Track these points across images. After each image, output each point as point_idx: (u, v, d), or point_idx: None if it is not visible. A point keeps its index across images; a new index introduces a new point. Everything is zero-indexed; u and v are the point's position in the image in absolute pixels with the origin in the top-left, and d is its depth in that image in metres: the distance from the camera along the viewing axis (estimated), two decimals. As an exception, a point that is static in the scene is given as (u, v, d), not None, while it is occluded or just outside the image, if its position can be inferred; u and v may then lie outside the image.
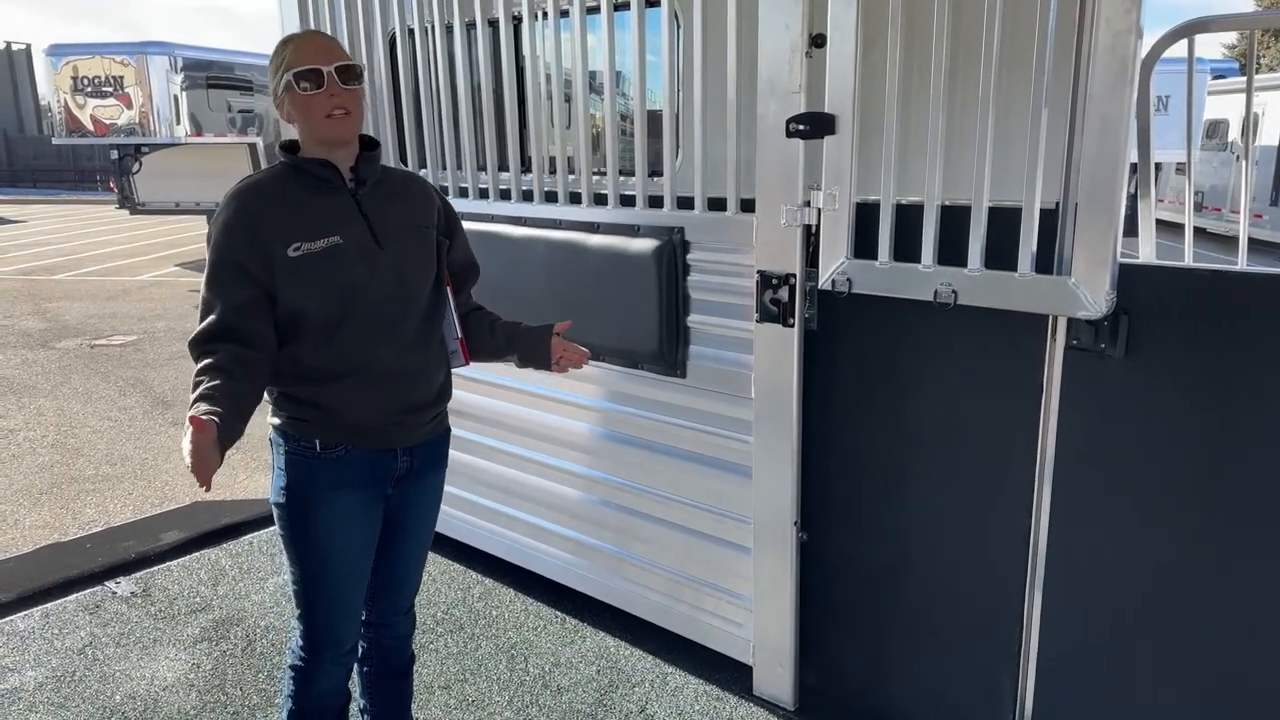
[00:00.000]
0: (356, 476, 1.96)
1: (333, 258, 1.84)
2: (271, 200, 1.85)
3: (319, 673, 2.07)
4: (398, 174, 2.07)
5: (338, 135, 1.87)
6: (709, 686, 2.84)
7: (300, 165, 1.89)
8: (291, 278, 1.82)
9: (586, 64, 2.79)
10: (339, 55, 1.85)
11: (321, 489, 1.94)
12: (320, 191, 1.89)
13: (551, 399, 3.17)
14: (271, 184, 1.89)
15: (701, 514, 2.83)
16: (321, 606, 2.03)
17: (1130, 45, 1.80)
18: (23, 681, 2.90)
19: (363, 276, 1.87)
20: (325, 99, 1.82)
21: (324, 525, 1.95)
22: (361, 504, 1.99)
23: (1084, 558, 2.19)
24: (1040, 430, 2.19)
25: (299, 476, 1.93)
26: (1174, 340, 2.00)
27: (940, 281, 2.13)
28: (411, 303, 1.97)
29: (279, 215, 1.83)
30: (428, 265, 2.02)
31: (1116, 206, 1.88)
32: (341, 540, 1.98)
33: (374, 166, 1.96)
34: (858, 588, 2.61)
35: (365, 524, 2.01)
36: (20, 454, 5.33)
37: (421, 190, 2.08)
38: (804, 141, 2.29)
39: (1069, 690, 2.28)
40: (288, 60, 1.83)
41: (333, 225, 1.86)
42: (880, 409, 2.45)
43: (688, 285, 2.69)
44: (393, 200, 1.98)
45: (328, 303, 1.85)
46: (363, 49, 3.44)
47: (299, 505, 1.94)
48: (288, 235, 1.82)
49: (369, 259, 1.89)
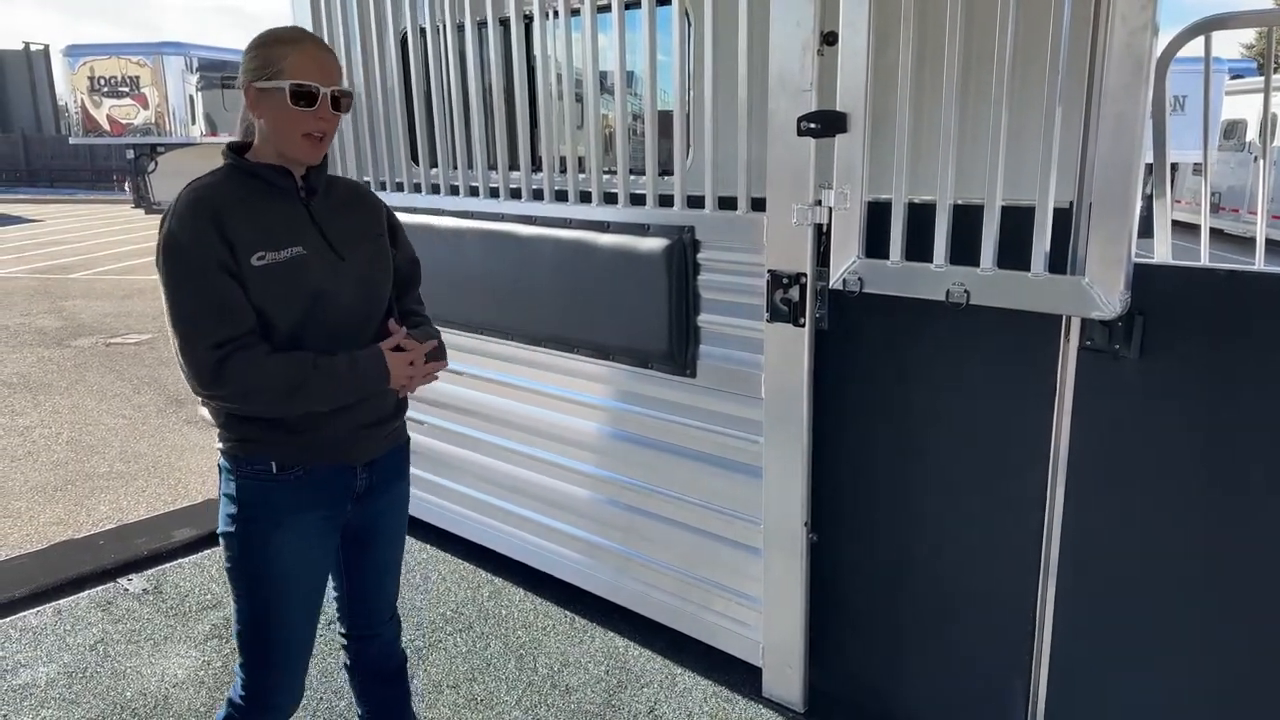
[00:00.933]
0: (316, 497, 1.88)
1: (297, 268, 1.78)
2: (232, 206, 1.75)
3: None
4: (343, 184, 2.00)
5: (309, 157, 1.81)
6: (718, 688, 2.82)
7: (255, 171, 1.81)
8: (256, 288, 1.74)
9: (597, 63, 2.79)
10: (337, 78, 1.80)
11: (280, 514, 1.84)
12: (274, 199, 1.82)
13: (561, 398, 3.17)
14: (229, 189, 1.79)
15: (711, 514, 2.82)
16: (276, 649, 1.90)
17: (1146, 43, 1.78)
18: (35, 677, 2.92)
19: (328, 287, 1.82)
20: (312, 119, 1.77)
21: (283, 554, 1.85)
22: (320, 527, 1.90)
23: (1097, 560, 2.17)
24: (1053, 431, 2.17)
25: (254, 502, 1.83)
26: (1189, 341, 1.97)
27: (952, 281, 2.11)
28: (373, 313, 1.93)
29: (240, 223, 1.74)
30: (386, 274, 1.98)
31: (1131, 205, 1.86)
32: (301, 570, 1.88)
33: (323, 176, 1.90)
34: (868, 589, 2.59)
35: (324, 550, 1.94)
36: (35, 451, 5.37)
37: (369, 199, 2.02)
38: (815, 140, 2.27)
39: (1081, 693, 2.25)
40: (287, 67, 1.75)
41: (292, 235, 1.80)
42: (891, 409, 2.43)
43: (698, 284, 2.68)
44: (343, 210, 1.92)
45: (292, 314, 1.78)
46: (374, 48, 3.45)
47: (255, 533, 1.83)
48: (251, 244, 1.74)
49: (332, 270, 1.83)
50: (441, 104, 3.29)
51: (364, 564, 2.07)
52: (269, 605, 1.88)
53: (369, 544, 2.05)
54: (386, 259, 2.00)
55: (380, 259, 1.97)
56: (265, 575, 1.86)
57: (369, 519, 2.01)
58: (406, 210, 3.45)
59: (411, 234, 3.39)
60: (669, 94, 2.69)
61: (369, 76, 3.52)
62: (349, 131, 3.64)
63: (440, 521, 3.77)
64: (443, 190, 3.37)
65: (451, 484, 3.66)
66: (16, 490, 4.75)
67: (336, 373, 1.78)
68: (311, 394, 1.76)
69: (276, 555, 1.85)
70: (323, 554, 1.94)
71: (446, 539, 3.76)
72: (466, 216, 3.25)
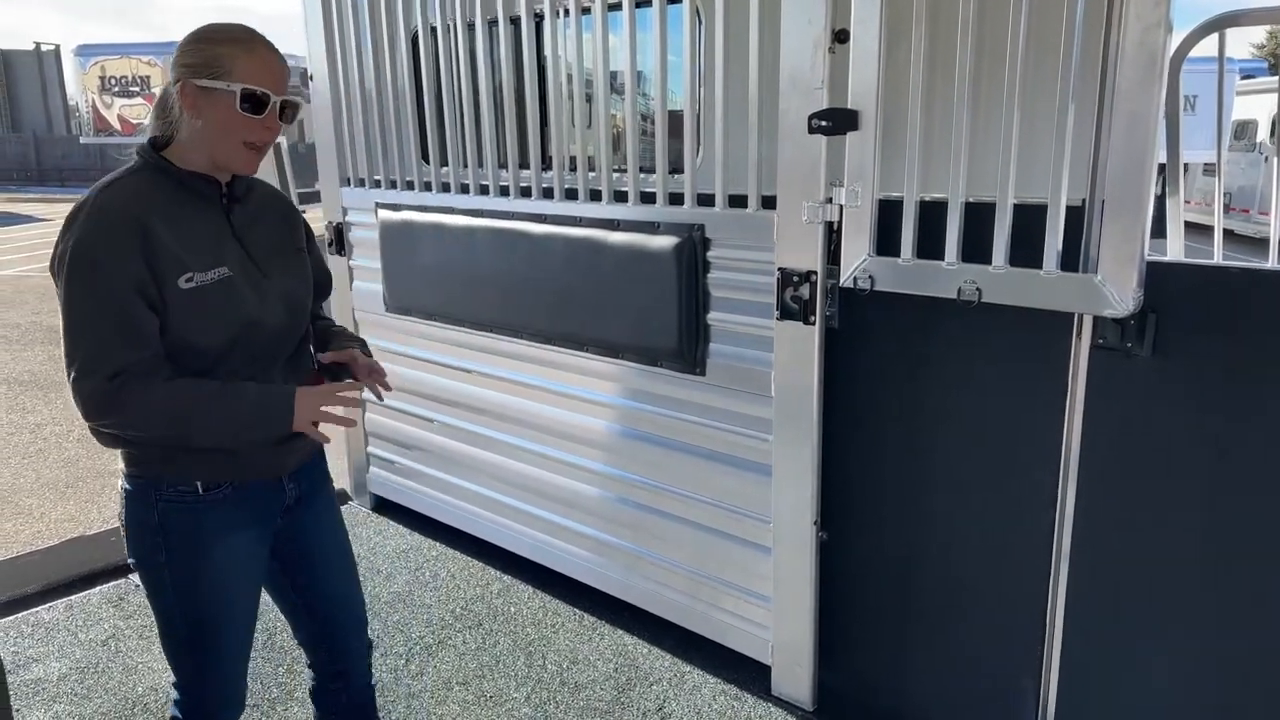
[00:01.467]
0: (245, 515, 1.78)
1: (224, 290, 1.66)
2: (157, 217, 1.61)
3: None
4: (261, 189, 1.87)
5: (247, 168, 1.71)
6: (727, 686, 2.82)
7: (176, 175, 1.67)
8: (182, 311, 1.61)
9: (608, 61, 2.79)
10: (285, 86, 1.69)
11: (210, 536, 1.73)
12: (197, 208, 1.69)
13: (571, 396, 3.17)
14: (149, 196, 1.64)
15: (720, 512, 2.82)
16: (218, 665, 1.82)
17: (1160, 39, 1.77)
18: (47, 672, 2.93)
19: (256, 309, 1.71)
20: (257, 127, 1.65)
21: (216, 576, 1.74)
22: (251, 545, 1.80)
23: (1109, 560, 2.16)
24: (1064, 430, 2.16)
25: (180, 526, 1.71)
26: (1202, 340, 1.97)
27: (964, 279, 2.11)
28: (296, 331, 1.83)
29: (165, 237, 1.60)
30: (307, 289, 1.88)
31: (1144, 203, 1.86)
32: (234, 589, 1.79)
33: (245, 182, 1.79)
34: (878, 588, 2.59)
35: (257, 565, 1.84)
36: (47, 448, 5.40)
37: (286, 209, 1.92)
38: (826, 138, 2.27)
39: (1092, 693, 2.25)
40: (236, 69, 1.62)
41: (217, 252, 1.68)
42: (902, 408, 2.43)
43: (708, 282, 2.68)
44: (261, 222, 1.81)
45: (219, 336, 1.66)
46: (385, 46, 3.45)
47: (184, 559, 1.72)
48: (177, 263, 1.60)
49: (259, 290, 1.72)
50: (452, 102, 3.30)
51: (317, 582, 1.96)
52: (208, 630, 1.78)
53: (317, 560, 1.96)
54: (307, 275, 1.89)
55: (302, 273, 1.87)
56: (201, 602, 1.75)
57: (306, 533, 1.92)
58: (417, 209, 3.46)
59: (422, 232, 3.44)
60: (679, 94, 2.70)
61: (380, 75, 3.53)
62: (360, 130, 3.66)
63: (449, 519, 3.77)
64: (453, 189, 3.38)
65: (461, 481, 3.67)
66: (28, 487, 4.78)
67: (239, 408, 1.64)
68: (207, 427, 1.63)
69: (212, 581, 1.74)
70: (257, 570, 1.85)
71: (456, 536, 3.76)
72: (477, 215, 3.26)
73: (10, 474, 4.98)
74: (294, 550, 1.94)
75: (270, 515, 1.85)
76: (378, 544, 3.80)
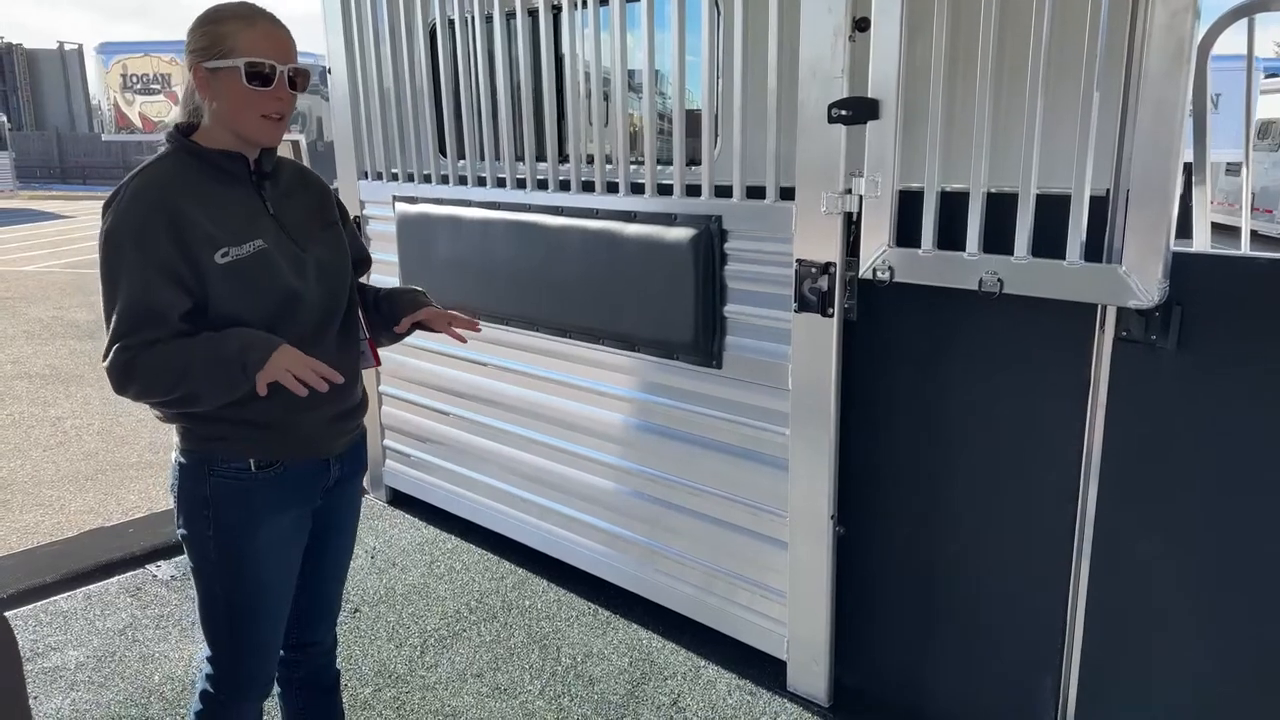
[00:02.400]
0: (293, 494, 1.83)
1: (261, 262, 1.70)
2: (188, 198, 1.65)
3: (245, 709, 1.94)
4: (289, 166, 1.90)
5: (269, 139, 1.73)
6: (742, 681, 2.80)
7: (204, 155, 1.71)
8: (222, 286, 1.65)
9: (625, 53, 2.78)
10: (293, 54, 1.70)
11: (259, 513, 1.78)
12: (228, 186, 1.72)
13: (586, 389, 3.16)
14: (181, 177, 1.68)
15: (736, 507, 2.80)
16: (254, 640, 1.87)
17: (1188, 24, 1.74)
18: (65, 660, 2.95)
19: (295, 280, 1.74)
20: (270, 100, 1.67)
21: (261, 553, 1.80)
22: (295, 524, 1.86)
23: (1130, 556, 2.13)
24: (1086, 424, 2.13)
25: (231, 502, 1.76)
26: (1229, 332, 1.93)
27: (985, 270, 2.08)
28: (338, 304, 1.86)
29: (197, 216, 1.64)
30: (345, 262, 1.91)
31: (1171, 192, 1.83)
32: (277, 566, 1.84)
33: (273, 159, 1.81)
34: (896, 583, 2.56)
35: (297, 544, 1.89)
36: (67, 441, 5.44)
37: (317, 184, 1.94)
38: (846, 127, 2.25)
39: (1112, 691, 2.21)
40: (239, 43, 1.65)
41: (251, 227, 1.71)
42: (920, 401, 2.40)
43: (725, 274, 2.67)
44: (294, 197, 1.84)
45: (263, 310, 1.70)
46: (404, 40, 3.46)
47: (232, 534, 1.77)
48: (211, 239, 1.64)
49: (296, 262, 1.76)
50: (470, 95, 3.29)
51: (318, 571, 1.99)
52: (249, 605, 1.83)
53: (325, 548, 1.98)
54: (344, 248, 1.92)
55: (338, 246, 1.90)
56: (245, 577, 1.80)
57: (329, 514, 1.95)
58: (434, 202, 3.46)
59: (439, 225, 3.44)
60: (697, 87, 2.68)
61: (398, 68, 3.53)
62: (377, 123, 3.66)
63: (464, 512, 3.77)
64: (470, 181, 3.37)
65: (476, 475, 3.67)
66: (48, 479, 4.82)
67: (228, 345, 1.63)
68: (205, 373, 1.62)
69: (255, 554, 1.79)
70: (297, 549, 1.89)
71: (471, 530, 3.76)
72: (493, 208, 3.26)
73: (31, 466, 5.02)
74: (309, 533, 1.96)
75: (314, 495, 1.89)
76: (393, 537, 3.80)
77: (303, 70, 1.72)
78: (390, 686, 2.81)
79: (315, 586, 2.01)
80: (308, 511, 1.89)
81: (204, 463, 1.76)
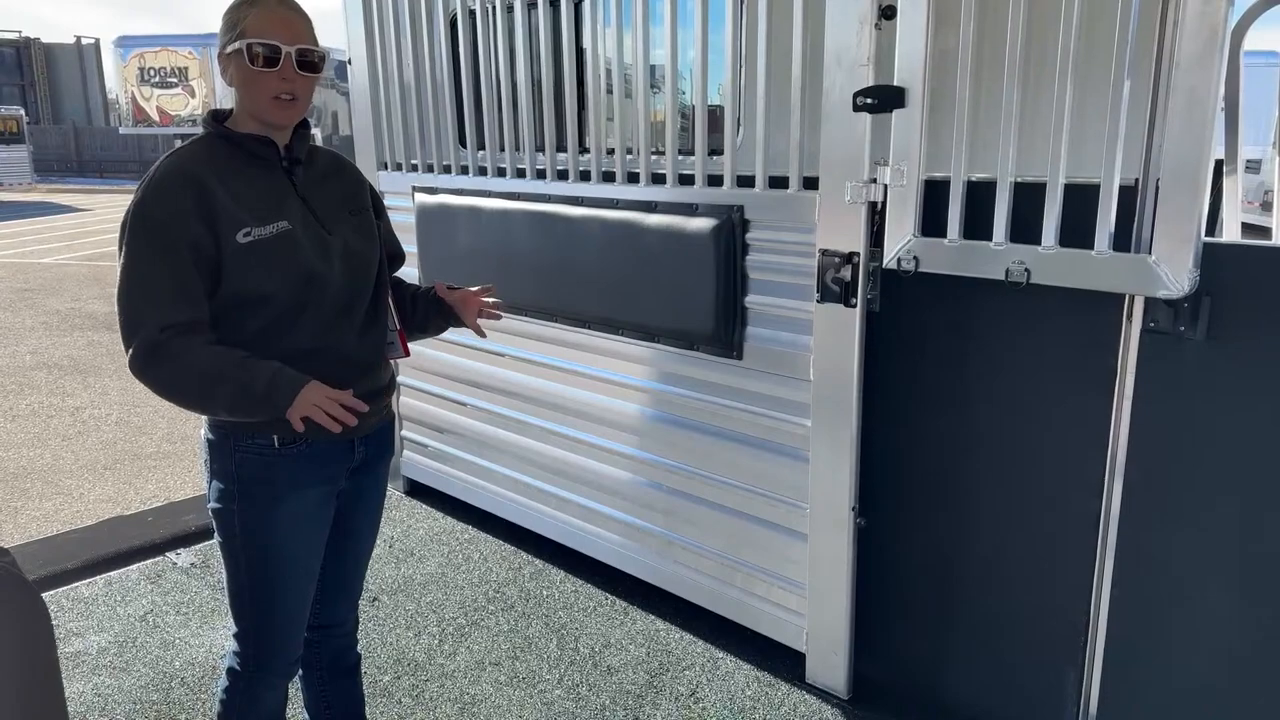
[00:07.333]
0: (317, 472, 1.84)
1: (283, 242, 1.71)
2: (214, 177, 1.68)
3: (271, 685, 1.96)
4: (326, 154, 1.93)
5: (282, 120, 1.74)
6: (760, 673, 2.80)
7: (234, 139, 1.74)
8: (238, 263, 1.67)
9: (648, 42, 2.77)
10: (303, 35, 1.70)
11: (282, 488, 1.80)
12: (256, 169, 1.75)
13: (606, 380, 3.16)
14: (209, 160, 1.71)
15: (756, 498, 2.80)
16: (279, 616, 1.89)
17: (1221, 10, 1.73)
18: (86, 645, 2.97)
19: (318, 262, 1.76)
20: (276, 80, 1.68)
21: (284, 527, 1.82)
22: (319, 501, 1.87)
23: (1156, 549, 2.11)
24: (1113, 416, 2.11)
25: (256, 476, 1.78)
26: (1259, 324, 1.91)
27: (1012, 260, 2.07)
28: (364, 287, 1.87)
29: (223, 195, 1.67)
30: (373, 248, 1.92)
31: (1202, 181, 1.81)
32: (301, 541, 1.86)
33: (306, 145, 1.83)
34: (917, 576, 2.55)
35: (322, 522, 1.90)
36: (86, 431, 5.48)
37: (352, 172, 1.97)
38: (871, 116, 2.24)
39: (1135, 684, 2.20)
40: (246, 25, 1.67)
41: (278, 209, 1.73)
42: (944, 392, 2.39)
43: (746, 265, 2.66)
44: (326, 182, 1.87)
45: (279, 286, 1.71)
46: (424, 31, 3.46)
47: (256, 508, 1.80)
48: (235, 219, 1.67)
49: (321, 244, 1.78)
50: (490, 85, 3.29)
51: (342, 553, 2.01)
52: (273, 580, 1.85)
53: (350, 530, 2.00)
54: (372, 234, 1.93)
55: (368, 232, 1.91)
56: (267, 549, 1.83)
57: (355, 497, 1.97)
58: (453, 192, 3.47)
59: (458, 216, 3.44)
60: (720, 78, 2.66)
61: (418, 58, 3.53)
62: (397, 114, 3.67)
63: (482, 503, 3.78)
64: (490, 172, 3.37)
65: (494, 466, 3.67)
66: (68, 469, 4.85)
67: (258, 375, 1.64)
68: (228, 392, 1.64)
69: (277, 530, 1.82)
70: (322, 525, 1.91)
71: (489, 520, 3.77)
72: (513, 198, 3.25)
73: (50, 455, 5.06)
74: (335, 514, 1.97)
75: (339, 474, 1.90)
76: (411, 527, 3.81)
77: (315, 51, 1.72)
78: (409, 674, 2.82)
79: (337, 566, 2.02)
80: (332, 491, 1.90)
81: (229, 438, 1.78)
